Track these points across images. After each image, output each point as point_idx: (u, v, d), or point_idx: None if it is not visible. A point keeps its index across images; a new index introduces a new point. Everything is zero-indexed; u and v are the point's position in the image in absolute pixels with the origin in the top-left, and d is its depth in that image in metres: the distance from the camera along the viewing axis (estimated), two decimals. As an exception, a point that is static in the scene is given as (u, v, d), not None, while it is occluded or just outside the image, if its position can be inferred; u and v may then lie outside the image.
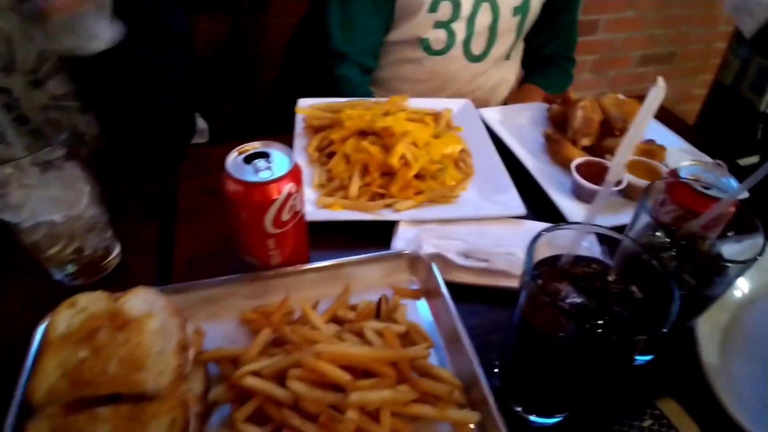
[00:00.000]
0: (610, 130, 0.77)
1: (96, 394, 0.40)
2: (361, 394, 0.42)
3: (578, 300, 0.37)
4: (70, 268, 0.55)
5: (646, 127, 0.35)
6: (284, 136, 0.74)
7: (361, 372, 0.44)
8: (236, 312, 0.53)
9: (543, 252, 0.40)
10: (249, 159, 0.50)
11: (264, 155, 0.51)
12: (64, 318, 0.44)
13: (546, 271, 0.40)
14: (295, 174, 0.50)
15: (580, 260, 0.41)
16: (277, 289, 0.54)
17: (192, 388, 0.44)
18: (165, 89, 0.79)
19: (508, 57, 1.11)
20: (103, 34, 0.66)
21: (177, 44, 0.85)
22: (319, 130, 0.75)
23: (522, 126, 0.85)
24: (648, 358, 0.52)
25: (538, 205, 0.69)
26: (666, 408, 0.48)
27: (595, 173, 0.69)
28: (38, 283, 0.55)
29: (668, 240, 0.45)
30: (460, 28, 1.00)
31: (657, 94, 0.34)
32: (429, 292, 0.56)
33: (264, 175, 0.49)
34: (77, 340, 0.43)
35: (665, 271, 0.37)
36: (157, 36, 0.81)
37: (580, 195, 0.70)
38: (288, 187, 0.49)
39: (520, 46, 1.15)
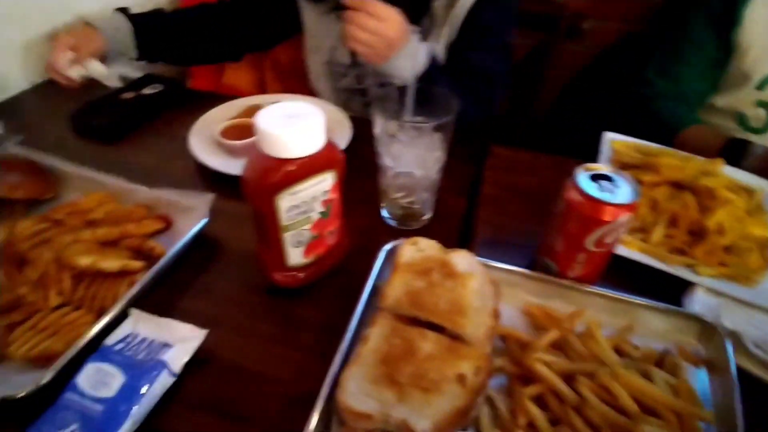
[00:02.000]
0: None
1: (426, 318, 0.49)
2: (652, 429, 0.42)
3: None
4: (398, 213, 0.68)
5: None
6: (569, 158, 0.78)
7: (644, 409, 0.45)
8: (519, 302, 0.58)
9: None
10: (595, 177, 0.54)
11: (609, 178, 0.54)
12: (409, 251, 0.55)
13: None
14: (634, 207, 0.52)
15: None
16: (562, 299, 0.57)
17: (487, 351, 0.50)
18: (491, 91, 0.90)
19: None
20: (420, 60, 0.80)
21: (507, 53, 0.95)
22: (626, 167, 0.75)
23: None
24: None
25: None
26: None
27: None
28: (371, 213, 0.70)
29: None
30: None
31: None
32: (712, 366, 0.53)
33: (606, 196, 0.52)
34: (417, 271, 0.53)
35: None
36: (495, 46, 0.92)
37: None
38: (625, 216, 0.52)
39: None
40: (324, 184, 0.52)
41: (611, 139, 0.80)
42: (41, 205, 0.67)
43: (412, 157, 0.61)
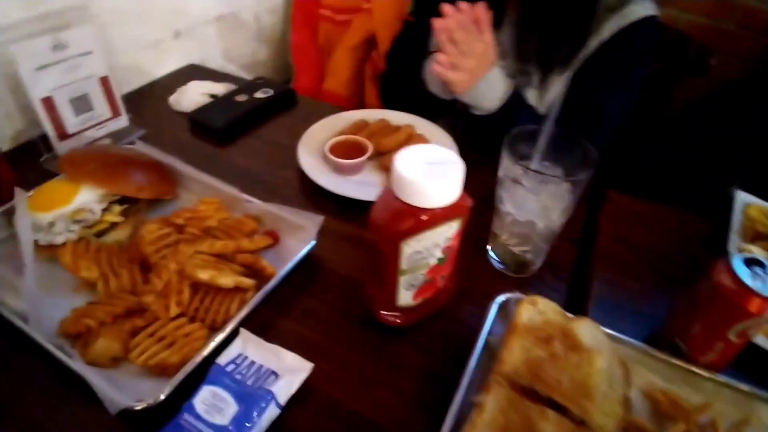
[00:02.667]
0: None
1: (547, 395, 0.45)
2: None
3: None
4: (507, 258, 0.64)
5: None
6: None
7: None
8: (641, 380, 0.52)
9: None
10: (749, 262, 0.48)
11: (763, 265, 0.48)
12: (527, 312, 0.52)
13: None
14: None
15: None
16: (688, 384, 0.51)
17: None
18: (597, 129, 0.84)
19: None
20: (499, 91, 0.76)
21: (631, 89, 0.88)
22: (759, 237, 0.67)
23: None
24: None
25: None
26: None
27: None
28: (477, 256, 0.67)
29: None
30: None
31: None
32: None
33: (758, 286, 0.46)
34: (537, 337, 0.49)
35: None
36: (619, 82, 0.85)
37: None
38: None
39: None
40: (449, 231, 0.49)
41: (746, 202, 0.72)
42: (161, 204, 0.70)
43: (536, 206, 0.58)
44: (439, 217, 0.47)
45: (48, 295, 0.57)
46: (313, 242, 0.62)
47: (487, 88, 0.76)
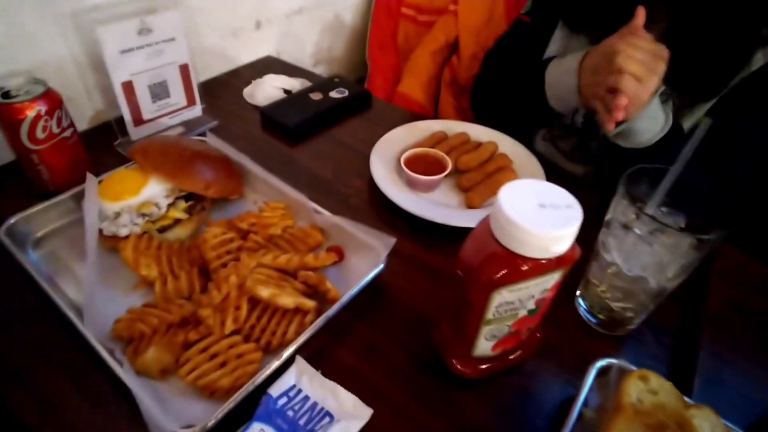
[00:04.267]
0: None
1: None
2: None
3: None
4: (600, 313, 0.56)
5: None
6: None
7: None
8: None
9: None
10: None
11: None
12: (636, 389, 0.43)
13: None
14: None
15: None
16: None
17: None
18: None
19: None
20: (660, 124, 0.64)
21: None
22: None
23: None
24: None
25: None
26: None
27: None
28: (564, 303, 0.58)
29: None
30: None
31: None
32: None
33: None
34: (648, 424, 0.41)
35: None
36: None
37: None
38: None
39: None
40: (548, 283, 0.42)
41: None
42: (226, 203, 0.67)
43: (650, 259, 0.49)
44: (542, 268, 0.39)
45: (105, 288, 0.55)
46: (381, 266, 0.57)
47: (649, 118, 0.64)
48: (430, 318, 0.55)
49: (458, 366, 0.49)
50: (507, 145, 0.80)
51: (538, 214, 0.37)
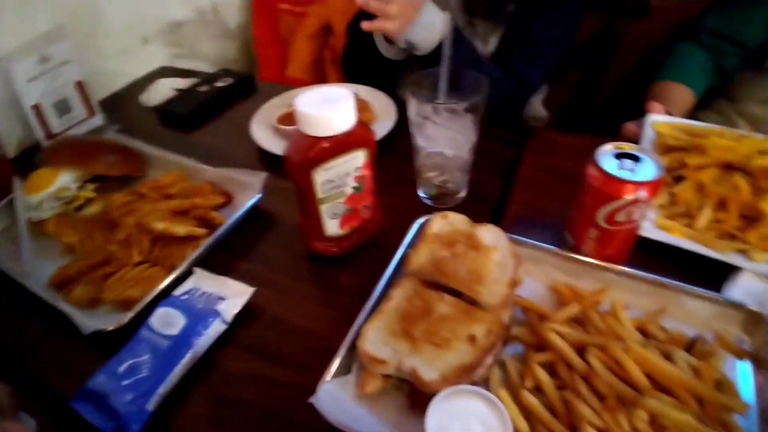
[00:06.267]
0: None
1: (447, 284, 0.52)
2: (659, 403, 0.43)
3: None
4: (432, 191, 0.72)
5: None
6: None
7: (658, 389, 0.45)
8: (548, 279, 0.59)
9: None
10: (621, 156, 0.54)
11: (635, 158, 0.54)
12: (438, 224, 0.59)
13: None
14: (650, 186, 0.51)
15: None
16: (592, 278, 0.57)
17: (502, 317, 0.53)
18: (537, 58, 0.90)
19: None
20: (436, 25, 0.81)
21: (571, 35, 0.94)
22: (671, 150, 0.73)
23: None
24: None
25: None
26: None
27: None
28: (409, 193, 0.74)
29: None
30: None
31: None
32: (759, 359, 0.51)
33: (623, 174, 0.52)
34: (444, 242, 0.56)
35: None
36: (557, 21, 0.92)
37: None
38: (637, 194, 0.51)
39: None
40: (356, 161, 0.57)
41: (653, 120, 0.77)
42: (132, 182, 0.80)
43: (445, 137, 0.65)
44: (339, 145, 0.54)
45: (41, 258, 0.67)
46: (259, 195, 0.71)
47: (423, 28, 0.81)
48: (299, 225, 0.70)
49: (318, 246, 0.63)
50: (369, 93, 0.95)
51: (320, 105, 0.52)
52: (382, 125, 0.84)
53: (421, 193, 0.73)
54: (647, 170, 0.52)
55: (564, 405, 0.45)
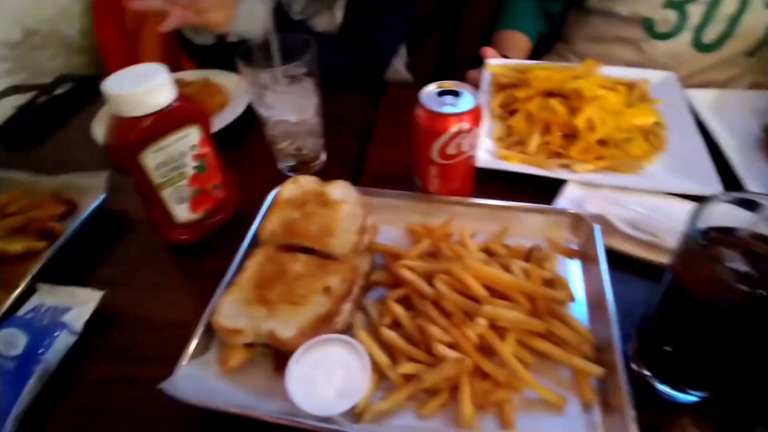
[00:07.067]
0: None
1: (299, 244, 0.53)
2: (493, 308, 0.47)
3: (743, 267, 0.36)
4: (291, 162, 0.72)
5: None
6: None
7: (499, 296, 0.49)
8: (406, 222, 0.62)
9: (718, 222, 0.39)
10: (442, 93, 0.57)
11: (456, 93, 0.57)
12: (289, 189, 0.59)
13: (715, 236, 0.38)
14: (470, 116, 0.55)
15: (758, 236, 0.38)
16: (445, 214, 0.61)
17: (361, 266, 0.55)
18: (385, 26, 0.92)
19: (751, 54, 0.95)
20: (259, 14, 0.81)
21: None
22: (505, 88, 0.79)
23: (740, 115, 0.74)
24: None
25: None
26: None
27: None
28: (269, 169, 0.73)
29: None
30: (696, 11, 0.89)
31: None
32: (585, 256, 0.57)
33: (445, 109, 0.55)
34: (295, 205, 0.57)
35: None
36: None
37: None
38: (460, 125, 0.55)
39: None
40: (189, 138, 0.55)
41: (488, 64, 0.83)
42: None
43: (286, 104, 0.65)
44: (165, 123, 0.52)
45: None
46: (103, 196, 0.67)
47: (245, 19, 0.81)
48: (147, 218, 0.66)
49: (172, 235, 0.61)
50: (221, 78, 0.92)
51: (131, 83, 0.50)
52: (237, 106, 0.82)
53: (281, 166, 0.73)
54: (466, 102, 0.56)
55: (419, 331, 0.48)
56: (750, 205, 0.38)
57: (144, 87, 0.50)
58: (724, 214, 0.38)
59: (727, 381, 0.43)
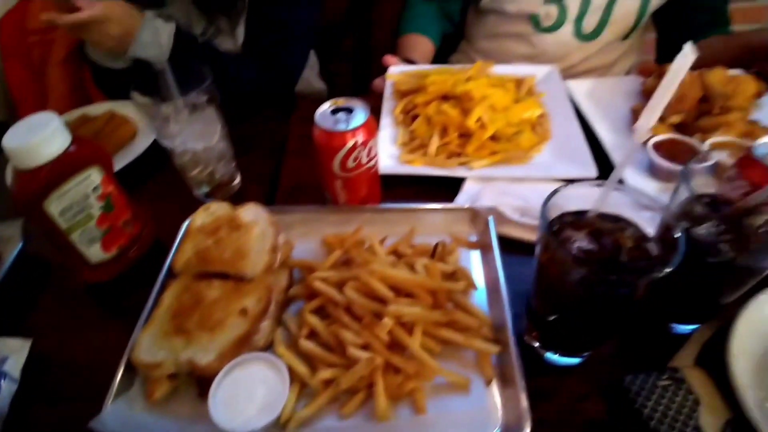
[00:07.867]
0: (710, 109, 0.73)
1: (214, 270, 0.55)
2: (397, 306, 0.51)
3: (588, 247, 0.42)
4: (205, 188, 0.73)
5: (670, 93, 0.38)
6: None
7: (404, 294, 0.54)
8: (321, 234, 0.65)
9: (570, 207, 0.45)
10: (335, 111, 0.61)
11: (349, 110, 0.61)
12: (201, 217, 0.61)
13: (566, 221, 0.45)
14: (364, 130, 0.58)
15: (605, 217, 0.45)
16: (356, 222, 0.64)
17: (279, 282, 0.58)
18: (290, 41, 0.95)
19: (625, 37, 1.06)
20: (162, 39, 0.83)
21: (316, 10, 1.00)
22: (406, 95, 0.83)
23: (611, 100, 0.83)
24: (692, 327, 0.53)
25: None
26: (691, 375, 0.49)
27: (678, 152, 0.68)
28: (184, 196, 0.74)
29: (711, 211, 0.46)
30: (574, 4, 0.98)
31: (684, 61, 0.36)
32: (484, 245, 0.63)
33: (339, 126, 0.59)
34: (207, 232, 0.58)
35: (677, 225, 0.40)
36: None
37: (656, 174, 0.69)
38: (354, 139, 0.58)
39: (644, 28, 1.08)
40: (90, 180, 0.56)
41: (389, 72, 0.88)
42: None
43: (190, 133, 0.66)
44: (62, 169, 0.53)
45: None
46: (20, 245, 0.66)
47: (146, 47, 0.81)
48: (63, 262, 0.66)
49: (89, 276, 0.61)
50: (127, 109, 0.91)
51: (24, 136, 0.50)
52: (147, 136, 0.82)
53: (197, 193, 0.74)
54: (359, 117, 0.60)
55: (334, 338, 0.52)
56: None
57: (35, 138, 0.50)
58: (584, 196, 0.44)
59: (597, 341, 0.50)
